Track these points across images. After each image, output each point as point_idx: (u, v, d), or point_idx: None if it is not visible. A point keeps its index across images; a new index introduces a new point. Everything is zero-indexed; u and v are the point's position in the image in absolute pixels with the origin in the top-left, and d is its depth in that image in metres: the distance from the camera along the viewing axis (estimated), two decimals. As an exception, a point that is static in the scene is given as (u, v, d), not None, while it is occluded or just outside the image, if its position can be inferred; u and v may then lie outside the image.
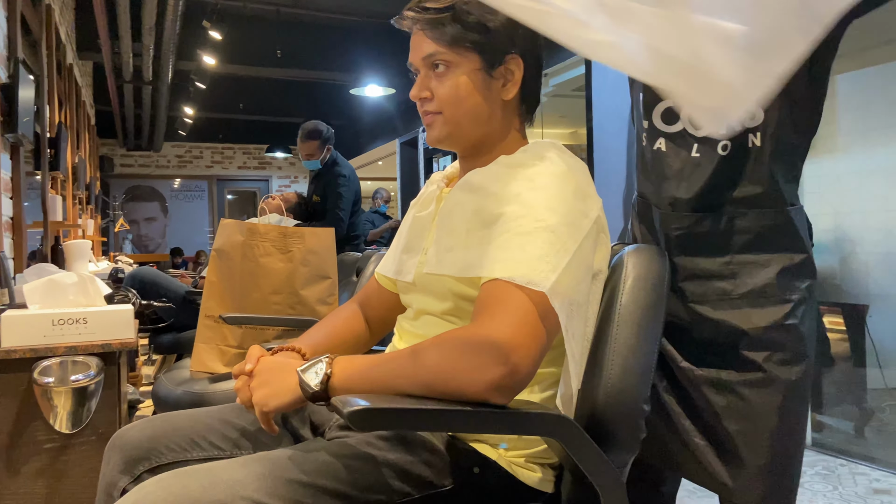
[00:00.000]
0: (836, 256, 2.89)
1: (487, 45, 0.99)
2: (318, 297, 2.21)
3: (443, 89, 1.01)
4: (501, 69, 1.01)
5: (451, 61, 1.00)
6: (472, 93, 1.00)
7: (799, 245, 1.10)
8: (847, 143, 2.84)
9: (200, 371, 2.09)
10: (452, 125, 1.03)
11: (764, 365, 1.08)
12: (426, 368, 0.83)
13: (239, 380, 0.99)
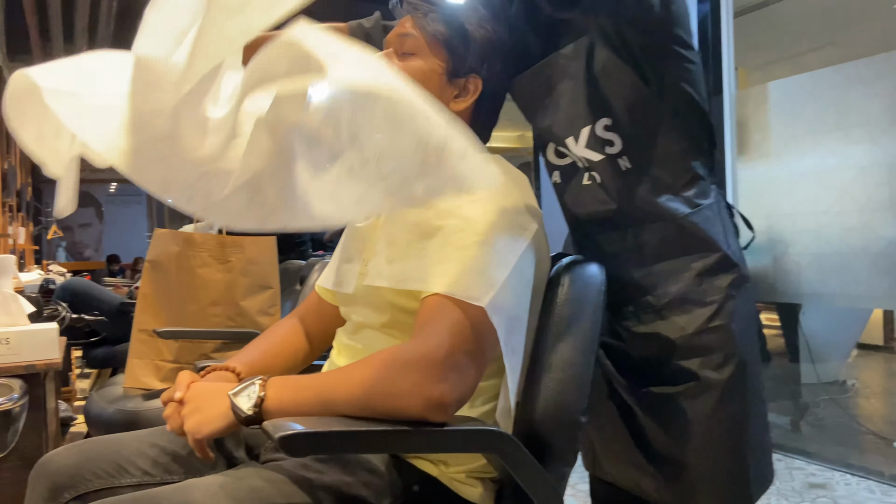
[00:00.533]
0: (770, 257, 2.99)
1: (459, 54, 1.01)
2: (260, 308, 2.16)
3: (400, 67, 1.01)
4: (461, 82, 1.02)
5: (418, 51, 1.01)
6: (424, 85, 0.99)
7: (709, 245, 1.10)
8: (778, 147, 2.94)
9: (135, 388, 2.02)
10: None
11: (699, 372, 1.10)
12: (363, 388, 0.82)
13: (168, 407, 0.95)
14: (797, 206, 2.87)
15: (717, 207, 1.14)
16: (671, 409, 1.12)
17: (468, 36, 1.01)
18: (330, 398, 0.84)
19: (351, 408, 0.82)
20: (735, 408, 1.11)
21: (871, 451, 3.00)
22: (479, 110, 1.05)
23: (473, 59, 1.01)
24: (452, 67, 1.01)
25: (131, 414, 1.84)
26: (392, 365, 0.82)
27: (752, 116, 3.05)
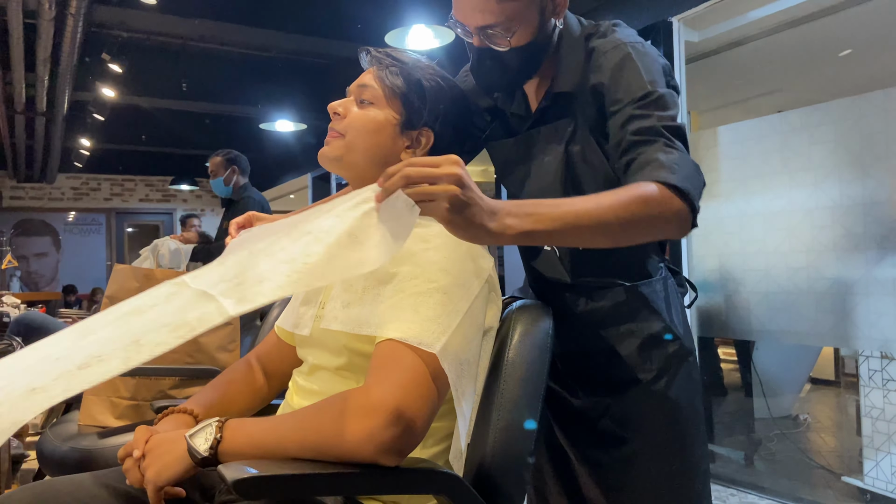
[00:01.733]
0: (722, 294, 3.08)
1: (413, 108, 1.06)
2: (219, 344, 2.16)
3: (357, 116, 1.07)
4: (414, 133, 1.08)
5: (376, 101, 1.06)
6: (378, 133, 1.06)
7: (654, 315, 1.16)
8: (728, 189, 3.05)
9: (90, 425, 2.00)
10: (347, 150, 1.07)
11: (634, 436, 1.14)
12: (316, 432, 0.84)
13: (127, 461, 0.96)
14: (747, 246, 2.97)
15: (664, 284, 1.20)
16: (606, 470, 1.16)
17: (424, 92, 1.06)
18: (284, 441, 0.86)
19: (304, 451, 0.84)
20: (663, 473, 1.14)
21: (820, 485, 3.08)
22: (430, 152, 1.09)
23: (427, 113, 1.07)
24: (406, 119, 1.06)
25: (86, 452, 1.82)
26: (344, 409, 0.85)
27: (704, 158, 3.17)
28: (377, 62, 1.09)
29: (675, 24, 3.22)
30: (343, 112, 1.07)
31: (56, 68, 5.12)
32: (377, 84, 1.07)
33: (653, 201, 0.89)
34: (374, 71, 1.09)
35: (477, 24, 1.08)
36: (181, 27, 4.88)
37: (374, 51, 1.10)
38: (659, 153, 0.95)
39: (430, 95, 1.07)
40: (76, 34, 4.41)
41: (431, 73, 1.09)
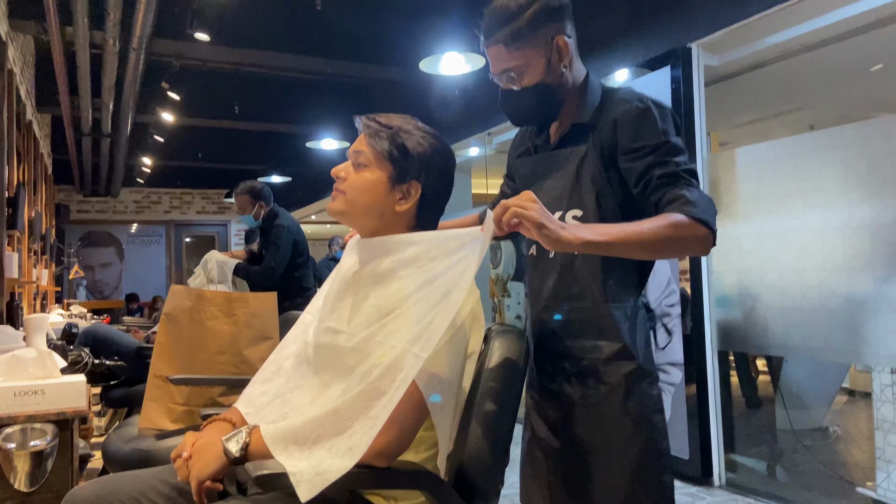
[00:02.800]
0: (740, 310, 3.19)
1: (401, 165, 1.26)
2: (261, 357, 2.39)
3: (354, 177, 1.27)
4: (403, 187, 1.26)
5: (369, 163, 1.26)
6: (372, 192, 1.26)
7: (616, 336, 1.32)
8: (745, 209, 3.16)
9: (149, 428, 2.25)
10: (349, 206, 1.28)
11: (595, 446, 1.31)
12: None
13: (178, 461, 1.18)
14: (763, 264, 3.08)
15: (634, 312, 1.37)
16: (576, 470, 1.33)
17: (408, 152, 1.25)
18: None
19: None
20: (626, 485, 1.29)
21: (836, 495, 3.15)
22: (422, 207, 1.29)
23: (413, 169, 1.25)
24: (395, 176, 1.25)
25: (144, 453, 2.07)
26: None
27: (723, 179, 3.29)
28: (367, 129, 1.28)
29: (693, 49, 3.35)
30: (344, 174, 1.28)
31: (120, 95, 5.51)
32: (368, 149, 1.26)
33: (683, 227, 1.17)
34: (365, 137, 1.28)
35: (498, 70, 1.37)
36: (232, 55, 5.20)
37: (364, 119, 1.29)
38: (684, 191, 1.21)
39: (414, 154, 1.25)
40: (138, 64, 4.77)
41: (416, 133, 1.27)
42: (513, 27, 1.30)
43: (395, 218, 1.27)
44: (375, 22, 4.52)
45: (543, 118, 1.45)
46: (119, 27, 4.10)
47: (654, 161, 1.25)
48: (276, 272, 3.74)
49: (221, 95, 6.25)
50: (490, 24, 1.34)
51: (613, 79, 3.81)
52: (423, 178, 1.26)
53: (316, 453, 1.03)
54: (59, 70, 4.85)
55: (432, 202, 1.30)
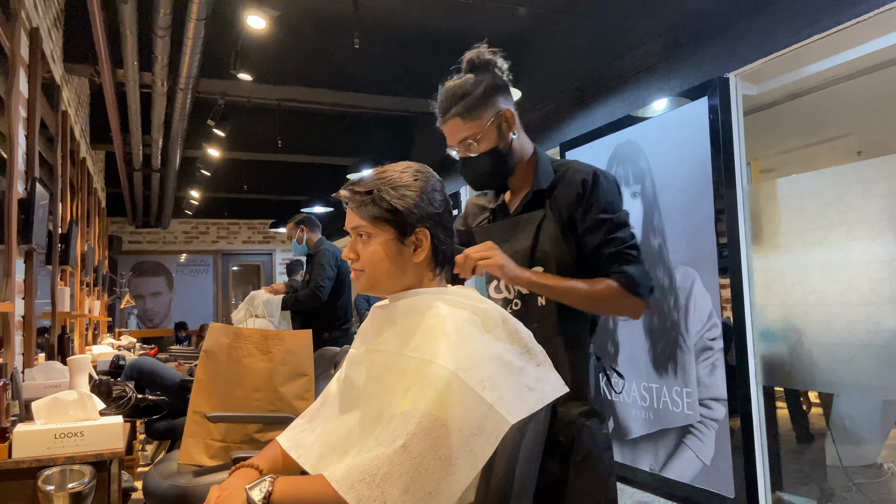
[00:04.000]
0: (785, 345, 3.10)
1: (398, 221, 1.25)
2: (296, 394, 2.43)
3: (365, 254, 1.27)
4: (412, 238, 1.27)
5: (371, 233, 1.26)
6: (386, 257, 1.26)
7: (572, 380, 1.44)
8: (788, 240, 3.09)
9: (187, 464, 2.30)
10: (373, 281, 1.29)
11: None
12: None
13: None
14: (807, 297, 3.00)
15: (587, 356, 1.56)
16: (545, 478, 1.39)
17: (397, 208, 1.24)
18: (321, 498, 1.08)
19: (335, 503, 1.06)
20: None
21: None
22: (436, 247, 1.30)
23: (409, 218, 1.25)
24: (399, 233, 1.25)
25: (182, 489, 2.12)
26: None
27: (764, 209, 3.22)
28: (351, 201, 1.27)
29: (731, 79, 3.31)
30: (355, 255, 1.28)
31: (168, 131, 5.72)
32: (362, 221, 1.25)
33: (614, 293, 1.48)
34: (353, 209, 1.27)
35: (456, 141, 1.60)
36: (275, 92, 5.35)
37: (343, 193, 1.27)
38: (624, 266, 1.50)
39: (403, 208, 1.24)
40: (185, 103, 4.95)
41: (396, 183, 1.26)
42: (467, 102, 1.55)
43: (417, 269, 1.28)
44: (412, 58, 4.60)
45: (499, 182, 1.65)
46: (167, 69, 4.27)
47: (603, 239, 1.52)
48: (324, 291, 3.83)
49: (265, 130, 6.42)
50: (447, 102, 1.57)
51: (651, 109, 3.79)
52: (425, 222, 1.27)
53: (389, 493, 1.02)
54: (111, 109, 5.06)
55: (443, 233, 1.31)
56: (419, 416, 1.05)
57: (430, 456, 1.03)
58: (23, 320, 2.94)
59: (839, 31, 2.83)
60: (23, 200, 2.78)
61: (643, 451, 3.81)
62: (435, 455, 1.03)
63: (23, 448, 1.50)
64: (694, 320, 3.41)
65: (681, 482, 3.53)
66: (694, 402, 3.42)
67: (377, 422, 1.15)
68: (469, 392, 1.06)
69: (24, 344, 2.95)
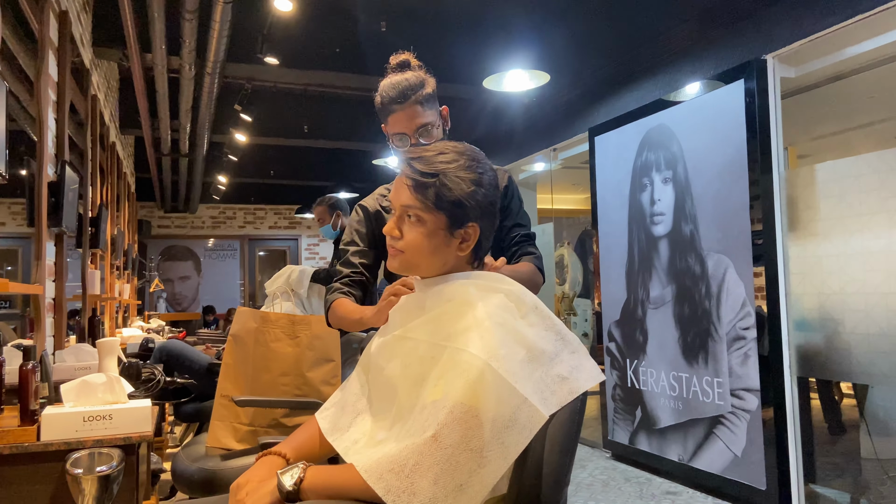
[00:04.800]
0: (821, 335, 3.02)
1: (455, 212, 1.19)
2: (323, 379, 2.42)
3: (410, 235, 1.20)
4: (461, 231, 1.20)
5: (422, 217, 1.19)
6: (432, 244, 1.20)
7: None
8: (826, 228, 3.00)
9: (215, 447, 2.31)
10: (411, 265, 1.24)
11: None
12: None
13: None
14: (846, 286, 2.91)
15: None
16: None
17: (459, 199, 1.18)
18: (352, 487, 1.06)
19: (367, 494, 1.04)
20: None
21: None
22: (480, 242, 1.25)
23: (467, 211, 1.19)
24: (450, 224, 1.19)
25: (210, 473, 2.12)
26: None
27: (802, 196, 3.13)
28: (409, 179, 1.19)
29: (769, 61, 3.22)
30: (399, 234, 1.22)
31: (196, 117, 5.74)
32: (417, 203, 1.18)
33: (536, 273, 1.70)
34: (409, 190, 1.19)
35: (415, 126, 1.68)
36: (301, 77, 5.34)
37: (405, 168, 1.21)
38: (534, 248, 1.77)
39: (466, 201, 1.18)
40: (212, 88, 4.95)
41: (460, 173, 1.19)
42: (423, 92, 1.67)
43: (457, 260, 1.24)
44: (440, 41, 4.54)
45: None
46: (194, 53, 4.26)
47: (516, 223, 1.78)
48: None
49: (291, 115, 6.41)
50: (403, 91, 1.66)
51: (684, 92, 3.70)
52: (478, 216, 1.21)
53: (419, 484, 0.99)
54: (140, 94, 5.08)
55: (490, 227, 1.26)
56: (450, 406, 1.02)
57: (462, 447, 1.00)
58: (53, 303, 2.96)
59: (883, 11, 2.73)
60: (52, 183, 2.79)
61: (671, 442, 3.76)
62: (466, 446, 1.00)
63: (51, 431, 1.50)
64: (726, 309, 3.34)
65: (710, 473, 3.47)
66: (725, 392, 3.36)
67: (408, 411, 1.13)
68: (502, 383, 1.02)
69: (55, 326, 2.98)
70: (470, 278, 1.21)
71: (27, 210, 2.75)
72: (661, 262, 3.82)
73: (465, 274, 1.23)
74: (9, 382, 1.79)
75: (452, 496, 0.99)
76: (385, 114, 1.71)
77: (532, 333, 1.12)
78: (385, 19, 3.81)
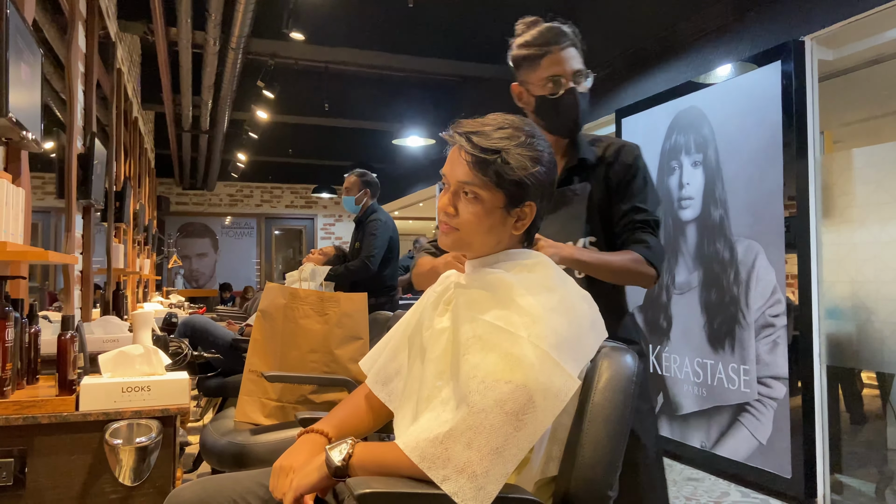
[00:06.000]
0: (853, 323, 2.98)
1: (514, 191, 1.14)
2: (351, 357, 2.41)
3: (466, 213, 1.16)
4: (518, 210, 1.17)
5: (480, 195, 1.14)
6: (488, 223, 1.16)
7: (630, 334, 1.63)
8: (862, 214, 2.94)
9: (244, 421, 2.31)
10: (465, 243, 1.20)
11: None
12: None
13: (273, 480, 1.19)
14: (881, 274, 2.86)
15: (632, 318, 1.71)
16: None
17: (520, 177, 1.13)
18: (401, 463, 1.04)
19: (415, 472, 1.02)
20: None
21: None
22: (535, 221, 1.22)
23: (526, 190, 1.15)
24: (510, 201, 1.15)
25: (240, 447, 2.12)
26: None
27: (837, 182, 3.07)
28: (468, 154, 1.14)
29: (807, 42, 3.14)
30: (454, 211, 1.17)
31: (218, 93, 5.72)
32: (475, 179, 1.13)
33: (639, 263, 1.55)
34: (468, 165, 1.14)
35: (572, 70, 1.59)
36: (324, 54, 5.29)
37: (464, 142, 1.14)
38: (647, 237, 1.59)
39: (526, 179, 1.14)
40: (236, 64, 4.93)
41: (521, 150, 1.14)
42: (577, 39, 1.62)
43: (511, 239, 1.21)
44: (468, 18, 4.49)
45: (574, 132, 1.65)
46: (219, 28, 4.23)
47: (634, 206, 1.61)
48: (374, 261, 3.76)
49: (312, 93, 6.38)
50: (560, 34, 1.59)
51: (716, 74, 3.63)
52: (536, 195, 1.17)
53: (453, 449, 0.99)
54: (163, 69, 5.07)
55: (546, 206, 1.23)
56: (482, 375, 1.02)
57: (496, 411, 0.99)
58: (80, 275, 2.97)
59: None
60: (82, 156, 2.78)
61: (694, 428, 3.73)
62: (501, 409, 0.99)
63: (90, 401, 1.50)
64: (756, 296, 3.30)
65: (733, 460, 3.45)
66: (752, 379, 3.32)
67: (443, 384, 1.12)
68: (538, 352, 1.02)
69: (83, 299, 2.99)
70: (515, 266, 1.18)
71: (56, 182, 2.74)
72: (687, 246, 3.78)
73: (511, 256, 1.20)
74: (43, 353, 1.79)
75: (488, 459, 0.98)
76: (534, 59, 1.60)
77: (569, 302, 1.12)
78: (413, -5, 3.76)
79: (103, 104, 4.16)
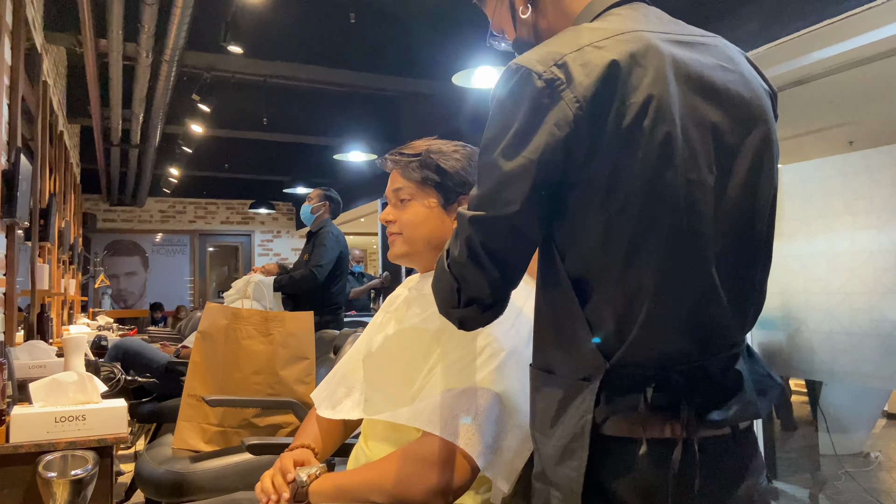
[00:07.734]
0: (784, 333, 3.09)
1: (444, 185, 1.21)
2: (297, 377, 2.35)
3: (404, 216, 1.23)
4: (455, 205, 1.22)
5: (413, 195, 1.22)
6: (426, 220, 1.22)
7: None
8: (790, 228, 3.07)
9: (183, 448, 2.21)
10: (409, 244, 1.24)
11: None
12: (382, 477, 1.01)
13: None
14: (809, 286, 2.98)
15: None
16: None
17: (445, 171, 1.21)
18: (358, 488, 1.03)
19: (374, 494, 1.00)
20: None
21: (886, 528, 3.03)
22: None
23: (455, 183, 1.22)
24: (444, 200, 1.22)
25: (179, 475, 2.03)
26: (404, 459, 1.01)
27: (767, 197, 3.19)
28: (397, 165, 1.24)
29: (736, 64, 3.27)
30: (393, 217, 1.24)
31: (150, 106, 5.54)
32: (406, 183, 1.23)
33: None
34: (399, 172, 1.24)
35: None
36: (263, 67, 5.20)
37: (390, 157, 1.25)
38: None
39: (453, 172, 1.21)
40: (169, 76, 4.79)
41: (445, 150, 1.23)
42: None
43: None
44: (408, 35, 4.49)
45: None
46: (153, 39, 4.11)
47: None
48: (321, 272, 3.70)
49: (250, 107, 6.26)
50: None
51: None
52: (470, 189, 1.21)
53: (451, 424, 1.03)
54: (92, 81, 4.88)
55: None
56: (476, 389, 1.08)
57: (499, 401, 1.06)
58: (4, 297, 2.81)
59: (850, 16, 2.80)
60: (7, 172, 2.64)
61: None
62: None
63: (21, 432, 1.41)
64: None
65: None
66: (690, 389, 3.40)
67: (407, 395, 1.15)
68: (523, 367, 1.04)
69: (6, 322, 2.82)
70: None
71: (-22, 199, 2.59)
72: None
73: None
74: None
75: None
76: None
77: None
78: (354, 11, 3.74)
79: (27, 118, 3.97)
